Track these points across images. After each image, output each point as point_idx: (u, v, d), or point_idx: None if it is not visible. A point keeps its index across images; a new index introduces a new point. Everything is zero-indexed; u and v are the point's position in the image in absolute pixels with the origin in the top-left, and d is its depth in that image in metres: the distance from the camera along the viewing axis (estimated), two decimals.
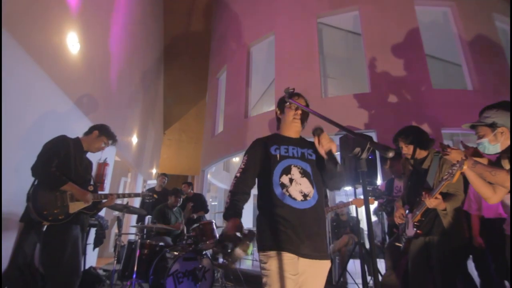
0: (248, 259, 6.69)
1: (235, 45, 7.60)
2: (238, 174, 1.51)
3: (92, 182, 2.38)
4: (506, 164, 1.65)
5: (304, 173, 1.48)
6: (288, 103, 1.58)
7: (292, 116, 1.58)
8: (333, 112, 5.12)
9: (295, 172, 1.47)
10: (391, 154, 0.91)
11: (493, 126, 1.64)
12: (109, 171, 5.22)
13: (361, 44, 5.76)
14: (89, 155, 2.50)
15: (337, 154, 4.61)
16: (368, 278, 3.53)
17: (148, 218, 4.74)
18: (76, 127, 3.88)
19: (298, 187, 1.44)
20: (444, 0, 5.79)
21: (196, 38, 11.07)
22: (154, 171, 11.99)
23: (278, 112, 1.68)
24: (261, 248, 1.37)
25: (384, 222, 4.31)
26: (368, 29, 5.62)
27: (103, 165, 4.84)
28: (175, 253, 3.26)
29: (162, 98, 12.54)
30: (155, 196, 3.10)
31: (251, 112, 6.83)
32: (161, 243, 3.52)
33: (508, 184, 1.53)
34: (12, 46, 2.54)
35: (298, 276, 1.31)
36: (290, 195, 1.41)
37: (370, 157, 3.56)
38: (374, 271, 1.18)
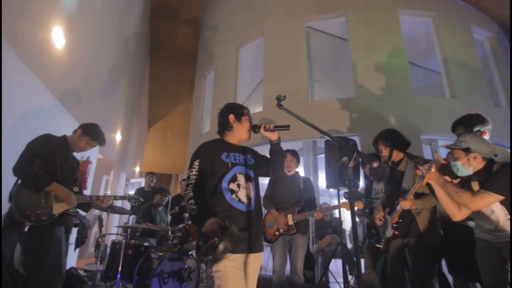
0: None
1: (224, 46, 7.59)
2: (192, 181, 1.51)
3: (78, 183, 2.34)
4: (475, 185, 1.81)
5: (248, 178, 1.64)
6: (245, 114, 1.74)
7: (248, 128, 1.74)
8: (319, 116, 5.24)
9: (241, 178, 1.61)
10: (375, 164, 0.98)
11: (467, 150, 1.76)
12: (91, 169, 5.10)
13: (347, 49, 5.91)
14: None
15: (322, 156, 4.66)
16: (349, 277, 3.65)
17: (132, 218, 4.67)
18: (59, 123, 3.78)
19: (245, 192, 1.59)
20: (426, 11, 6.04)
21: (183, 36, 10.94)
22: (137, 169, 11.77)
23: (233, 119, 1.72)
24: None
25: (364, 223, 4.47)
26: (354, 35, 5.77)
27: (85, 163, 4.72)
28: (160, 253, 3.24)
29: (147, 95, 12.33)
30: (140, 199, 3.09)
31: None
32: (146, 244, 3.50)
33: (471, 206, 1.69)
34: None
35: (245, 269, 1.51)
36: (239, 200, 1.56)
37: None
38: (358, 271, 1.25)
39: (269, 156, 1.81)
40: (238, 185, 1.58)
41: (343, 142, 1.16)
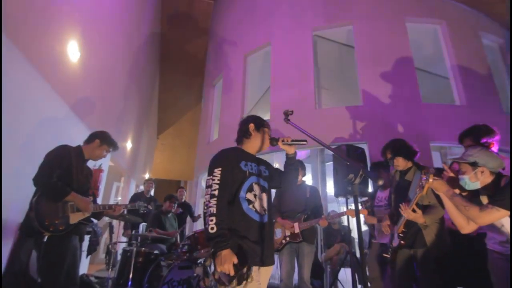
0: None
1: (232, 54, 7.72)
2: (215, 192, 1.47)
3: (91, 192, 2.42)
4: (484, 199, 1.80)
5: (263, 189, 1.65)
6: (265, 125, 1.77)
7: (266, 139, 1.76)
8: (326, 124, 5.26)
9: (257, 189, 1.61)
10: (381, 182, 1.01)
11: (474, 165, 1.75)
12: (103, 177, 5.22)
13: (354, 57, 5.94)
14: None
15: (330, 164, 4.67)
16: (359, 286, 3.62)
17: (142, 226, 4.74)
18: (73, 133, 3.91)
19: (260, 202, 1.59)
20: (434, 18, 6.03)
21: (192, 45, 11.16)
22: (147, 175, 11.93)
23: (252, 128, 1.75)
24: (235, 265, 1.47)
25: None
26: (361, 43, 5.80)
27: (98, 171, 4.84)
28: (170, 261, 3.29)
29: (157, 103, 12.55)
30: (149, 207, 3.15)
31: None
32: (156, 251, 3.55)
33: (478, 220, 1.68)
34: (13, 53, 2.56)
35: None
36: (255, 210, 1.55)
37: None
38: (364, 280, 1.26)
39: (283, 169, 1.84)
40: (255, 195, 1.57)
41: (350, 157, 1.19)
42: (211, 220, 1.41)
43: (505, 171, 1.66)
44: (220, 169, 1.55)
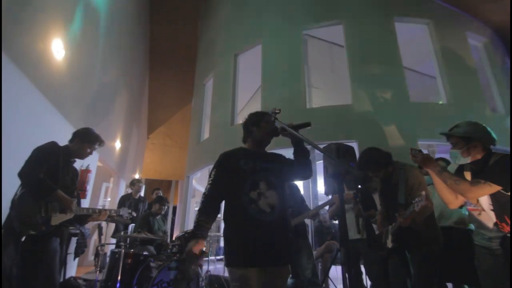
0: None
1: (222, 53, 7.67)
2: (206, 191, 1.53)
3: (76, 194, 2.35)
4: (467, 175, 1.81)
5: (270, 186, 1.55)
6: (264, 120, 1.69)
7: (267, 131, 1.68)
8: (316, 122, 5.26)
9: (263, 186, 1.53)
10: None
11: (468, 140, 1.75)
12: (91, 177, 5.11)
13: (344, 55, 5.98)
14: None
15: (320, 163, 4.69)
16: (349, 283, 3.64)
17: (131, 227, 4.66)
18: (59, 133, 3.81)
19: (266, 200, 1.50)
20: (422, 18, 6.13)
21: (182, 43, 11.05)
22: (137, 176, 11.76)
23: (252, 125, 1.72)
24: (230, 264, 1.45)
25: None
26: (350, 42, 5.85)
27: (85, 171, 4.73)
28: (160, 262, 3.24)
29: (147, 102, 12.39)
30: (133, 214, 3.10)
31: (237, 119, 6.90)
32: (145, 253, 3.50)
33: (469, 195, 1.67)
34: None
35: (264, 283, 1.43)
36: (259, 209, 1.48)
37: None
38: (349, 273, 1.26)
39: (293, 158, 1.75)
40: (259, 194, 1.51)
41: (339, 156, 1.18)
42: (197, 217, 1.48)
43: (506, 169, 1.64)
44: (215, 170, 1.59)
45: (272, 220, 1.49)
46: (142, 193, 5.40)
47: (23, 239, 2.01)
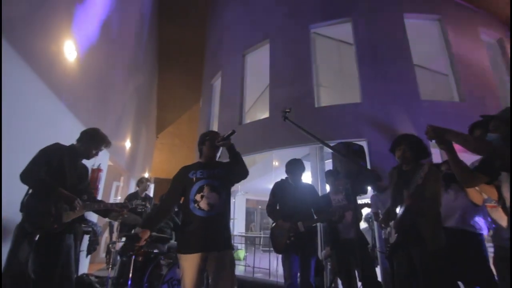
0: (241, 265, 6.71)
1: (230, 52, 7.69)
2: (164, 196, 2.08)
3: (89, 190, 2.39)
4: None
5: (213, 189, 1.95)
6: (207, 139, 2.11)
7: (210, 147, 2.09)
8: (325, 121, 5.25)
9: (206, 190, 1.94)
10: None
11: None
12: (102, 176, 5.20)
13: (353, 54, 5.92)
14: (84, 161, 2.48)
15: (329, 162, 4.65)
16: (359, 283, 3.61)
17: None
18: (70, 133, 3.88)
19: (207, 200, 1.90)
20: (433, 14, 6.01)
21: (190, 44, 11.13)
22: (146, 175, 11.91)
23: (200, 144, 2.15)
24: (178, 251, 1.90)
25: (374, 228, 4.43)
26: (359, 40, 5.78)
27: (96, 170, 4.82)
28: (170, 260, 3.28)
29: (156, 102, 12.52)
30: (147, 205, 3.12)
31: (245, 118, 6.91)
32: (156, 250, 3.54)
33: (481, 152, 1.58)
34: (9, 52, 2.54)
35: (207, 266, 1.83)
36: (199, 208, 1.89)
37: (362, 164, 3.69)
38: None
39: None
40: (202, 196, 1.91)
41: (349, 155, 1.17)
42: (151, 212, 1.87)
43: None
44: (172, 180, 2.06)
45: (209, 216, 1.87)
46: (151, 193, 5.43)
47: (36, 238, 2.06)
